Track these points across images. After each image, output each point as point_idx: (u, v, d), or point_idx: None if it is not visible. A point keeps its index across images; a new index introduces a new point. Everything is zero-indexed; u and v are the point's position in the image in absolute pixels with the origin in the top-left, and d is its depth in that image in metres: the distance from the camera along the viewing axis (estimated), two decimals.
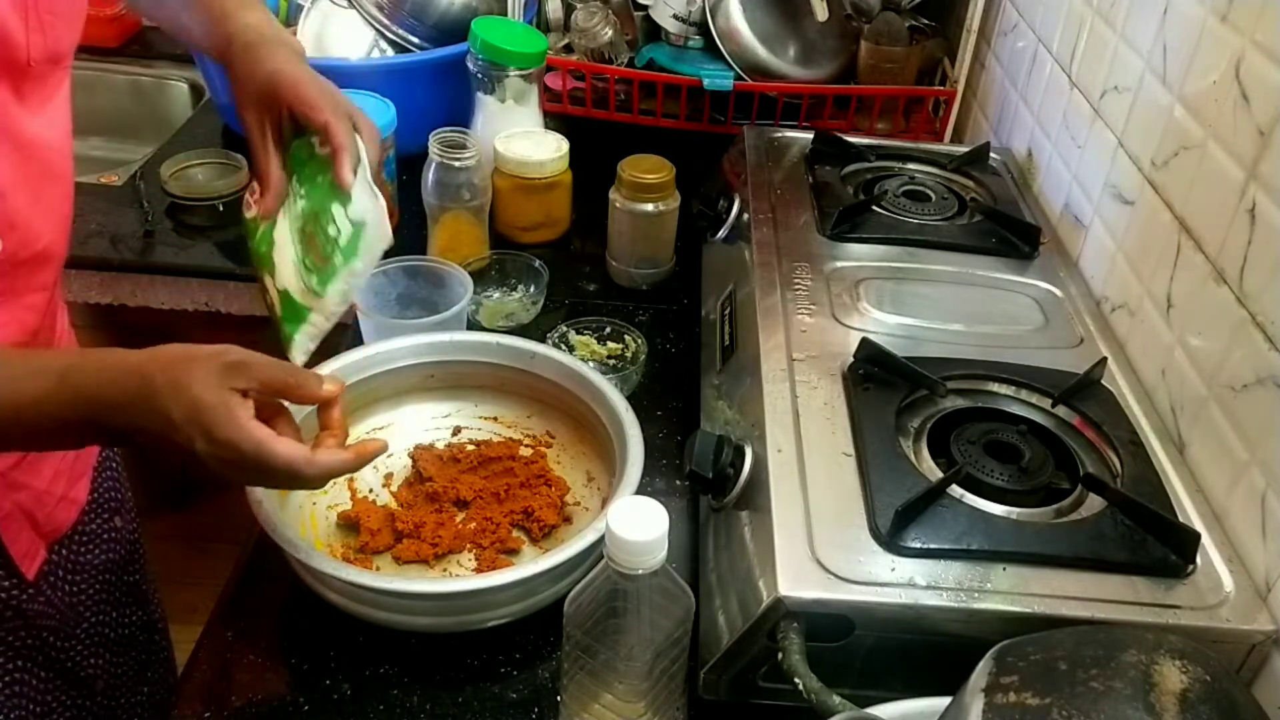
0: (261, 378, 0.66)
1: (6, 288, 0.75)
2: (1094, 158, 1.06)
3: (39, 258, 0.77)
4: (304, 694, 0.77)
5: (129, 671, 1.01)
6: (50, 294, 0.83)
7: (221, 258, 1.32)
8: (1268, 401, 0.73)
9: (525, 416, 1.00)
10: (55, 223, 0.79)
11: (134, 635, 1.01)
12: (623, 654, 0.66)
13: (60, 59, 0.77)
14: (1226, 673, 0.52)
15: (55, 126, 0.78)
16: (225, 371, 0.64)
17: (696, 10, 1.44)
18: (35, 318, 0.80)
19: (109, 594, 0.97)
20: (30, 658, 0.87)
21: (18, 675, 0.86)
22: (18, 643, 0.85)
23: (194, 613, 0.93)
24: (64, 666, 0.91)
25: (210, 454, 0.64)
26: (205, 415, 0.63)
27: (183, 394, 0.63)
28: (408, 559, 0.86)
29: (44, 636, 0.88)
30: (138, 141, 1.73)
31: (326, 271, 0.82)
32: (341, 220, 0.81)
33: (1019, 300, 1.00)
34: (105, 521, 0.96)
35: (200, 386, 0.63)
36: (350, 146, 0.81)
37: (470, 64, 1.29)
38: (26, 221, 0.75)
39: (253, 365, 0.66)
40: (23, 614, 0.85)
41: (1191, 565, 0.71)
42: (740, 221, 1.12)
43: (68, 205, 0.82)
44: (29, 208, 0.75)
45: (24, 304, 0.78)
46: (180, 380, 0.63)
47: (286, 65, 0.83)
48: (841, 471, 0.77)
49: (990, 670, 0.53)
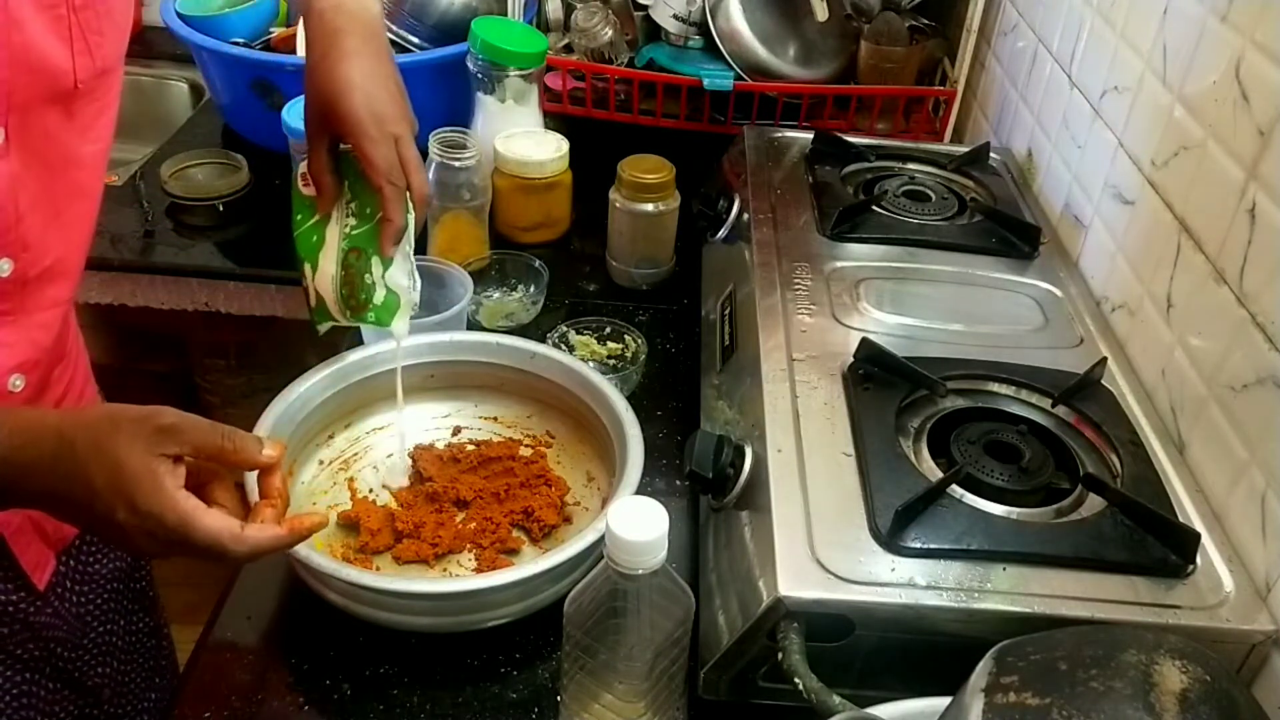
0: (194, 442, 0.62)
1: (16, 307, 0.73)
2: (1094, 158, 1.06)
3: (49, 274, 0.75)
4: (304, 694, 0.77)
5: (136, 678, 1.00)
6: (64, 310, 0.80)
7: (221, 258, 1.32)
8: (1268, 401, 0.73)
9: (525, 416, 1.00)
10: (73, 239, 0.77)
11: (141, 642, 1.01)
12: (623, 654, 0.66)
13: (109, 71, 0.74)
14: (1226, 673, 0.52)
15: (100, 140, 0.76)
16: (154, 436, 0.61)
17: (696, 10, 1.44)
18: (48, 336, 0.78)
19: (116, 602, 0.96)
20: (38, 669, 0.86)
21: (25, 687, 0.85)
22: (25, 655, 0.85)
23: (194, 613, 0.93)
24: (71, 676, 0.90)
25: (132, 524, 0.60)
26: (128, 483, 0.59)
27: (105, 458, 0.59)
28: (408, 559, 0.86)
29: (51, 648, 0.87)
30: (138, 141, 1.73)
31: (359, 316, 0.86)
32: (378, 278, 0.85)
33: (1019, 300, 1.00)
34: None
35: (125, 451, 0.59)
36: (398, 218, 0.81)
37: (470, 64, 1.29)
38: (40, 240, 0.73)
39: (185, 429, 0.62)
40: (30, 626, 0.84)
41: (1191, 565, 0.71)
42: (740, 221, 1.12)
43: (89, 222, 0.80)
44: (44, 225, 0.73)
45: (36, 322, 0.76)
46: (103, 444, 0.60)
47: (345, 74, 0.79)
48: (841, 471, 0.77)
49: (990, 670, 0.53)
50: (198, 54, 1.49)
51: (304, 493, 0.90)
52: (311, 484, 0.91)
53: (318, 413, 0.91)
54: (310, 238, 0.86)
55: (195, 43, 1.44)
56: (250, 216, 1.38)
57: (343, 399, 0.93)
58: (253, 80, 1.43)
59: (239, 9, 1.50)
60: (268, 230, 1.36)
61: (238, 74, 1.45)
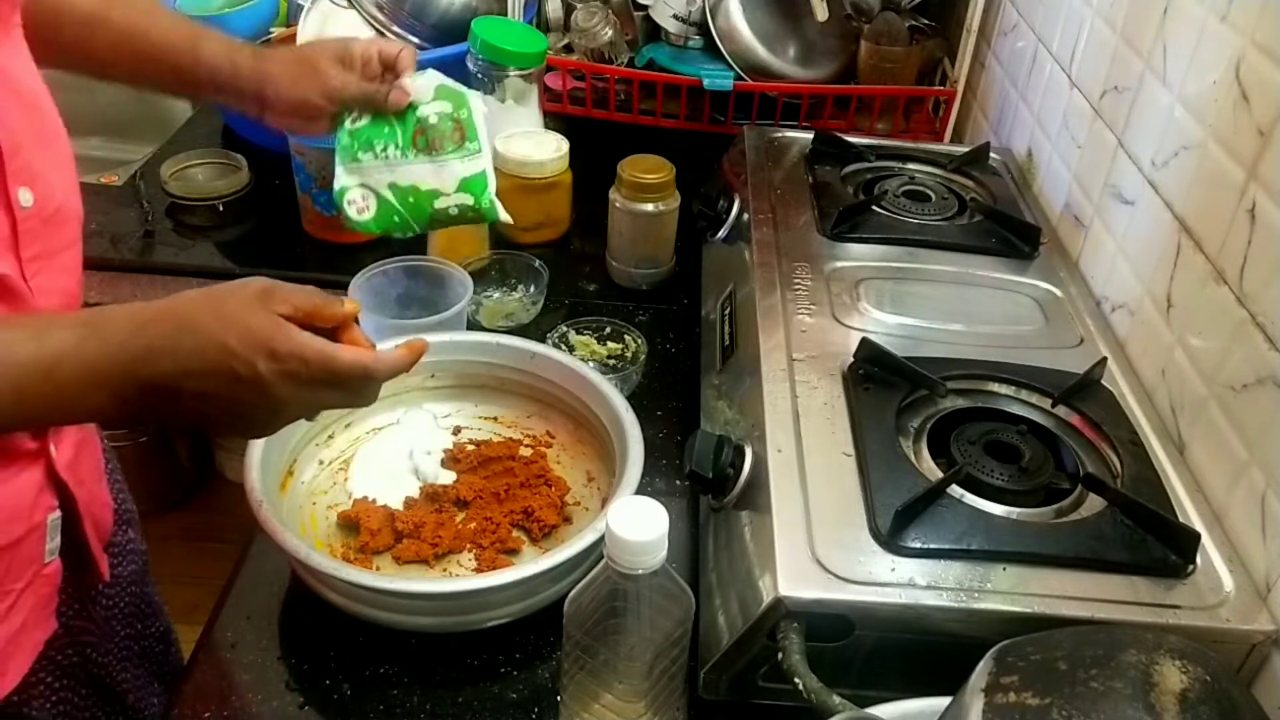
0: (292, 300, 0.65)
1: (43, 250, 0.72)
2: (1094, 158, 1.06)
3: (60, 215, 0.74)
4: (304, 694, 0.77)
5: (152, 683, 1.00)
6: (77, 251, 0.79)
7: (221, 258, 1.32)
8: (1268, 401, 0.73)
9: (525, 416, 1.00)
10: (66, 181, 0.77)
11: (153, 646, 1.01)
12: (623, 654, 0.66)
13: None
14: (1226, 673, 0.52)
15: (22, 58, 0.75)
16: (263, 297, 0.64)
17: (696, 10, 1.44)
18: (71, 280, 0.77)
19: (134, 606, 0.96)
20: (74, 675, 0.86)
21: (64, 694, 0.85)
22: (64, 660, 0.84)
23: (194, 612, 0.93)
24: (101, 682, 0.90)
25: (274, 372, 0.62)
26: (262, 336, 0.62)
27: (231, 322, 0.62)
28: (408, 559, 0.86)
29: (87, 653, 0.87)
30: (138, 141, 1.73)
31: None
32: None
33: (1019, 300, 1.00)
34: (123, 534, 0.96)
35: (247, 313, 0.63)
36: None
37: (470, 64, 1.29)
38: (44, 175, 0.72)
39: (283, 289, 0.65)
40: (70, 630, 0.84)
41: (1191, 565, 0.71)
42: (740, 221, 1.12)
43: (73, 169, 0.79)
44: (41, 160, 0.72)
45: (58, 265, 0.75)
46: (223, 312, 0.63)
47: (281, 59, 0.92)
48: (841, 471, 0.77)
49: (990, 670, 0.53)
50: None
51: (304, 492, 0.90)
52: (311, 484, 0.91)
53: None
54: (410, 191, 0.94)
55: None
56: (250, 216, 1.38)
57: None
58: None
59: (239, 9, 1.49)
60: (268, 230, 1.36)
61: None
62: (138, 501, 1.03)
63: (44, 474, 0.75)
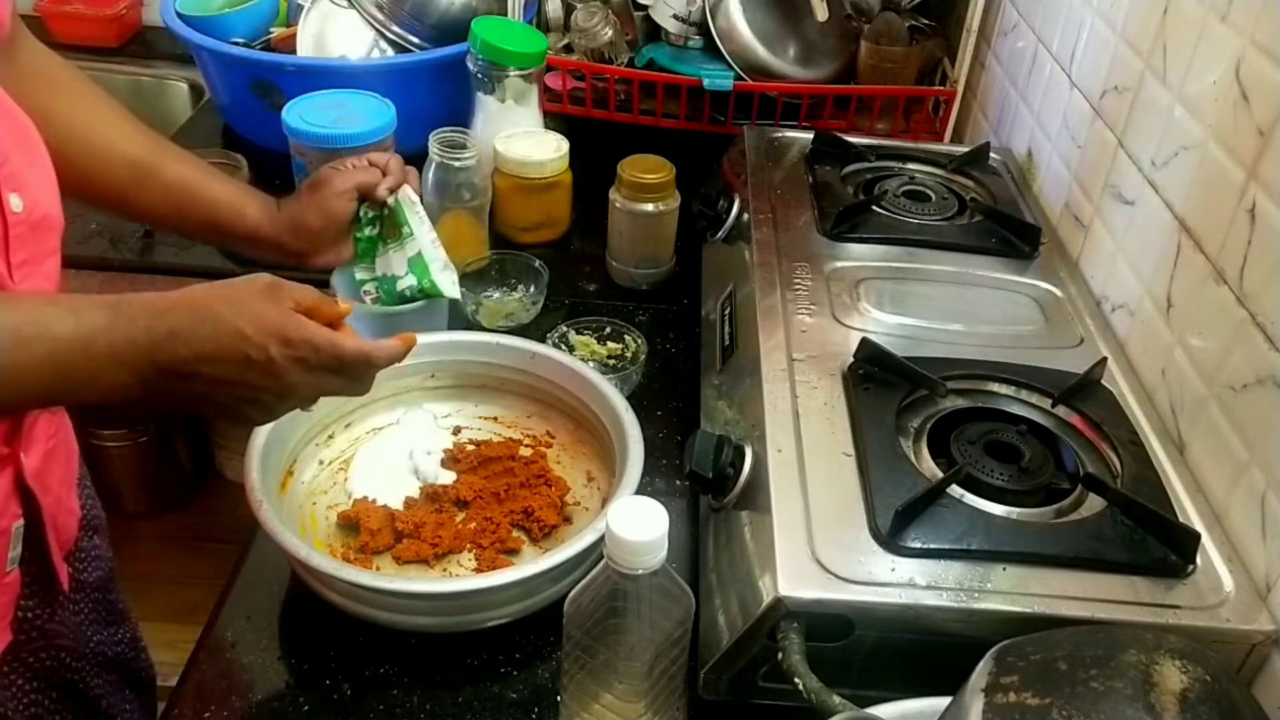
0: (295, 296, 0.70)
1: (30, 256, 0.74)
2: (1094, 158, 1.06)
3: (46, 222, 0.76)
4: (304, 694, 0.77)
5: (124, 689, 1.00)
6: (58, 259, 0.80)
7: (221, 258, 1.31)
8: (1268, 401, 0.73)
9: (525, 416, 1.00)
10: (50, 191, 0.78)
11: (124, 652, 1.01)
12: (623, 654, 0.66)
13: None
14: (1226, 673, 0.52)
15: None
16: (272, 291, 0.69)
17: (696, 10, 1.44)
18: (52, 288, 0.78)
19: (101, 613, 0.96)
20: (47, 678, 0.85)
21: (35, 696, 0.85)
22: (37, 664, 0.84)
23: (194, 612, 0.93)
24: (75, 688, 0.90)
25: (285, 357, 0.67)
26: (275, 324, 0.67)
27: (246, 309, 0.67)
28: (408, 559, 0.86)
29: (61, 657, 0.87)
30: None
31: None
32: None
33: (1019, 300, 1.00)
34: (89, 540, 0.96)
35: (259, 303, 0.68)
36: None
37: (470, 64, 1.29)
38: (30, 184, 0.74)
39: (287, 285, 0.70)
40: (45, 634, 0.84)
41: (1191, 565, 0.71)
42: (740, 221, 1.12)
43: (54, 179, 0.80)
44: (27, 168, 0.74)
45: (42, 272, 0.76)
46: (237, 302, 0.68)
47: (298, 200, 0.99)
48: (841, 471, 0.77)
49: (990, 670, 0.53)
50: (198, 54, 1.49)
51: (304, 492, 0.90)
52: (311, 484, 0.91)
53: (318, 412, 0.91)
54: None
55: (195, 43, 1.44)
56: None
57: (343, 398, 0.93)
58: (253, 80, 1.43)
59: (239, 9, 1.50)
60: None
61: (238, 74, 1.45)
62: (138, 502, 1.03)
63: (11, 481, 0.75)
